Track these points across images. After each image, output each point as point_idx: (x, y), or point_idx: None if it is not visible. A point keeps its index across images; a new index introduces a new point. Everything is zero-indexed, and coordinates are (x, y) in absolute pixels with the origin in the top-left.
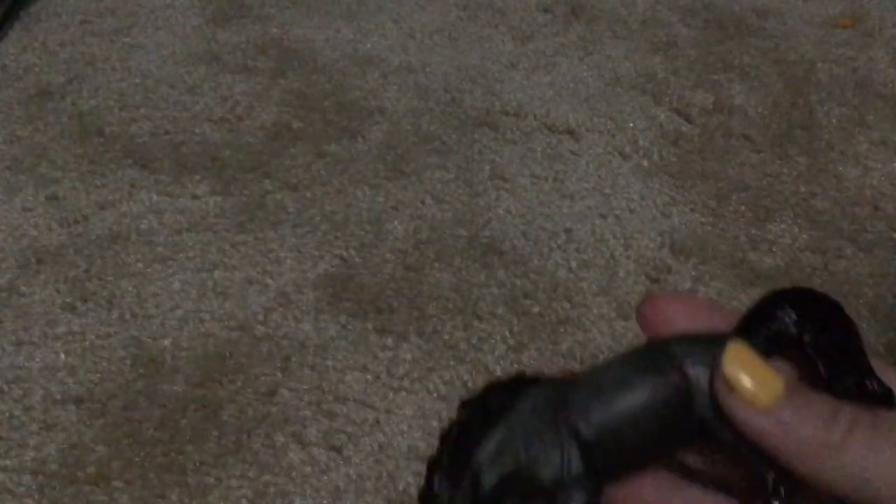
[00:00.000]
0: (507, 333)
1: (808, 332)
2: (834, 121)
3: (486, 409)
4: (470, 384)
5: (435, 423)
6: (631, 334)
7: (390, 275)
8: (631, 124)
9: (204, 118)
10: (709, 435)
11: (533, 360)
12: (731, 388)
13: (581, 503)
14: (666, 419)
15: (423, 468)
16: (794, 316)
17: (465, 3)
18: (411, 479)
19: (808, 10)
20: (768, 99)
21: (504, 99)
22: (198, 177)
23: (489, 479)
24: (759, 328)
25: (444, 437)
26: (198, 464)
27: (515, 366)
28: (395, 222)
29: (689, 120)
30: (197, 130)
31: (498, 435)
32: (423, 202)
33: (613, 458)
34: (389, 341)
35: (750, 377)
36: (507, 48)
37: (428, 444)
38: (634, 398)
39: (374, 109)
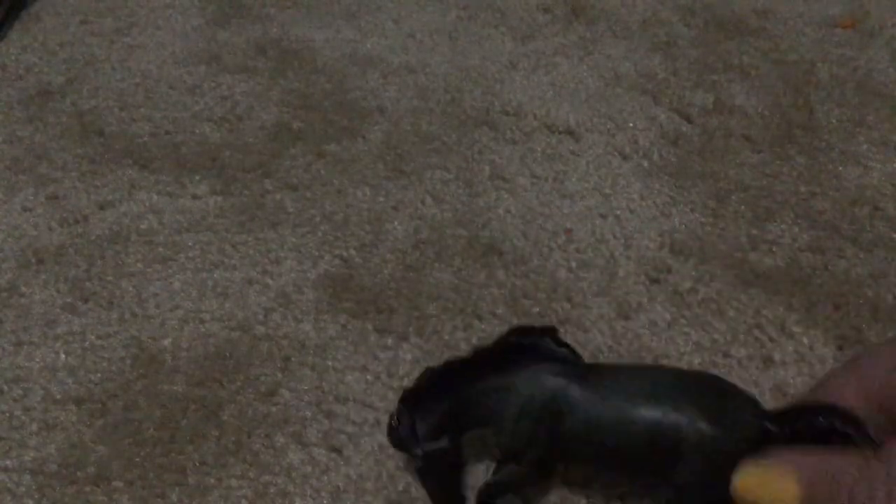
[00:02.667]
0: None
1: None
2: (834, 121)
3: (492, 357)
4: None
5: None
6: (631, 334)
7: (390, 275)
8: (631, 124)
9: (204, 118)
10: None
11: None
12: None
13: (522, 477)
14: (642, 457)
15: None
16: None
17: (465, 3)
18: (411, 479)
19: (808, 10)
20: (768, 99)
21: (504, 99)
22: (198, 177)
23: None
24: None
25: (428, 373)
26: (198, 464)
27: None
28: (395, 222)
29: (689, 120)
30: (197, 130)
31: (490, 385)
32: (423, 202)
33: (570, 460)
34: (389, 341)
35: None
36: (507, 48)
37: None
38: (625, 429)
39: (374, 109)
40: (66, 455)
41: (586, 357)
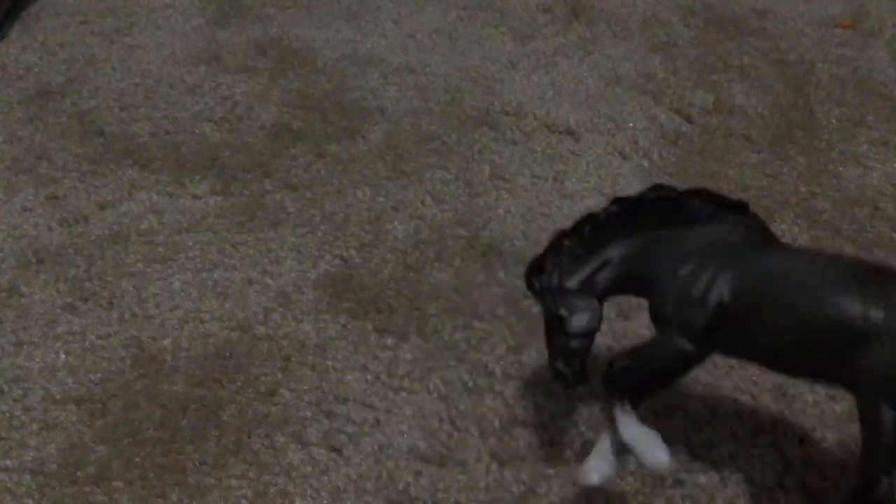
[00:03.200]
0: (507, 333)
1: None
2: (834, 121)
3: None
4: (470, 384)
5: (435, 424)
6: (631, 334)
7: (390, 275)
8: (631, 124)
9: (204, 118)
10: (838, 382)
11: (533, 360)
12: None
13: (678, 351)
14: (819, 343)
15: (423, 468)
16: None
17: (465, 3)
18: (411, 479)
19: (808, 10)
20: (768, 99)
21: (504, 99)
22: (198, 177)
23: (606, 275)
24: None
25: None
26: (198, 464)
27: (515, 366)
28: (395, 222)
29: (689, 120)
30: (197, 130)
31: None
32: (423, 202)
33: (740, 336)
34: (389, 341)
35: None
36: (507, 48)
37: (428, 444)
38: (807, 304)
39: (374, 109)
40: (66, 455)
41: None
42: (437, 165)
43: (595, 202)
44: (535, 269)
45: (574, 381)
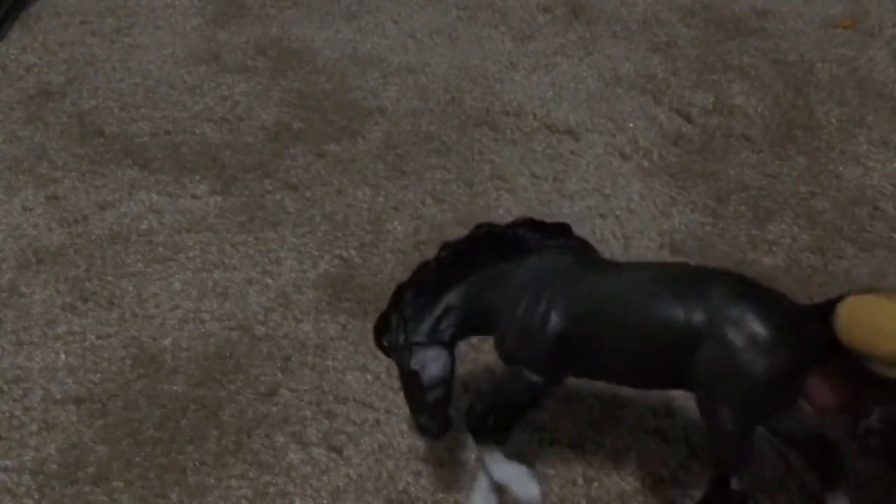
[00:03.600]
0: None
1: None
2: (834, 121)
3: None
4: (470, 384)
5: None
6: None
7: (390, 275)
8: (631, 124)
9: (204, 118)
10: (683, 387)
11: None
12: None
13: (527, 385)
14: (653, 353)
15: (423, 468)
16: None
17: (465, 3)
18: (411, 478)
19: (808, 10)
20: (768, 99)
21: (504, 99)
22: (198, 177)
23: (448, 322)
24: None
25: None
26: (198, 464)
27: None
28: (395, 222)
29: (689, 120)
30: (197, 130)
31: (486, 286)
32: (423, 202)
33: (582, 359)
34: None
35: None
36: (507, 48)
37: (428, 445)
38: (637, 318)
39: (374, 109)
40: (66, 455)
41: None
42: (437, 165)
43: (595, 202)
44: (382, 327)
45: (438, 432)
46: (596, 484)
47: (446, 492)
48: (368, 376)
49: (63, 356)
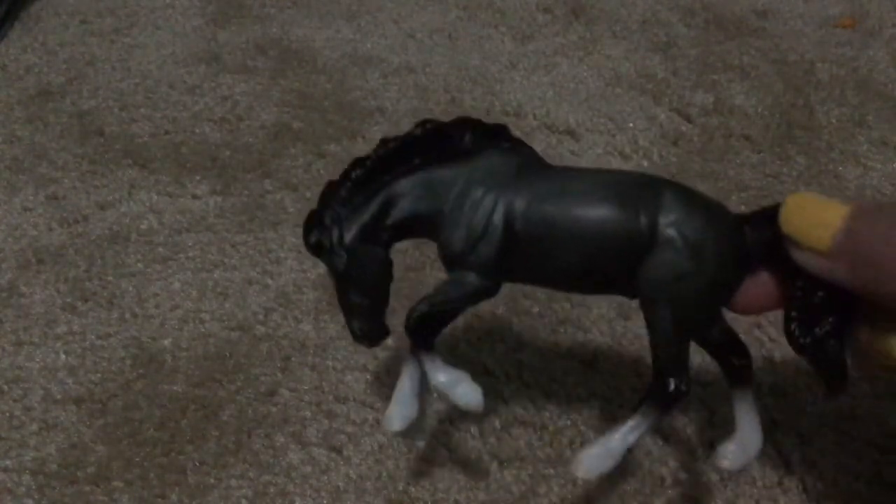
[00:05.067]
0: (507, 333)
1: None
2: (834, 121)
3: (436, 142)
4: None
5: (435, 424)
6: (631, 334)
7: None
8: (631, 124)
9: (204, 118)
10: (629, 292)
11: (533, 360)
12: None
13: (474, 289)
14: (605, 256)
15: (423, 468)
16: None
17: (465, 3)
18: (411, 479)
19: (808, 10)
20: (768, 99)
21: (504, 99)
22: (198, 177)
23: (396, 215)
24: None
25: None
26: (198, 464)
27: (515, 366)
28: None
29: (689, 120)
30: (197, 130)
31: (432, 176)
32: None
33: (531, 262)
34: (389, 341)
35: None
36: (507, 48)
37: (428, 444)
38: (590, 220)
39: (374, 109)
40: (66, 455)
41: (586, 357)
42: None
43: None
44: (313, 226)
45: (375, 337)
46: (596, 484)
47: (446, 492)
48: (368, 376)
49: (63, 356)
